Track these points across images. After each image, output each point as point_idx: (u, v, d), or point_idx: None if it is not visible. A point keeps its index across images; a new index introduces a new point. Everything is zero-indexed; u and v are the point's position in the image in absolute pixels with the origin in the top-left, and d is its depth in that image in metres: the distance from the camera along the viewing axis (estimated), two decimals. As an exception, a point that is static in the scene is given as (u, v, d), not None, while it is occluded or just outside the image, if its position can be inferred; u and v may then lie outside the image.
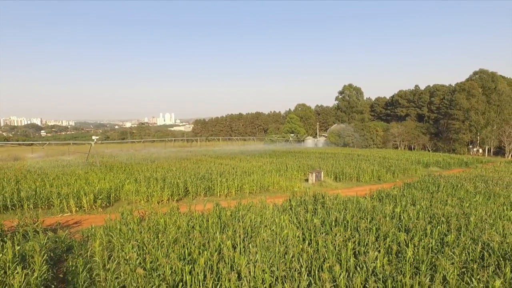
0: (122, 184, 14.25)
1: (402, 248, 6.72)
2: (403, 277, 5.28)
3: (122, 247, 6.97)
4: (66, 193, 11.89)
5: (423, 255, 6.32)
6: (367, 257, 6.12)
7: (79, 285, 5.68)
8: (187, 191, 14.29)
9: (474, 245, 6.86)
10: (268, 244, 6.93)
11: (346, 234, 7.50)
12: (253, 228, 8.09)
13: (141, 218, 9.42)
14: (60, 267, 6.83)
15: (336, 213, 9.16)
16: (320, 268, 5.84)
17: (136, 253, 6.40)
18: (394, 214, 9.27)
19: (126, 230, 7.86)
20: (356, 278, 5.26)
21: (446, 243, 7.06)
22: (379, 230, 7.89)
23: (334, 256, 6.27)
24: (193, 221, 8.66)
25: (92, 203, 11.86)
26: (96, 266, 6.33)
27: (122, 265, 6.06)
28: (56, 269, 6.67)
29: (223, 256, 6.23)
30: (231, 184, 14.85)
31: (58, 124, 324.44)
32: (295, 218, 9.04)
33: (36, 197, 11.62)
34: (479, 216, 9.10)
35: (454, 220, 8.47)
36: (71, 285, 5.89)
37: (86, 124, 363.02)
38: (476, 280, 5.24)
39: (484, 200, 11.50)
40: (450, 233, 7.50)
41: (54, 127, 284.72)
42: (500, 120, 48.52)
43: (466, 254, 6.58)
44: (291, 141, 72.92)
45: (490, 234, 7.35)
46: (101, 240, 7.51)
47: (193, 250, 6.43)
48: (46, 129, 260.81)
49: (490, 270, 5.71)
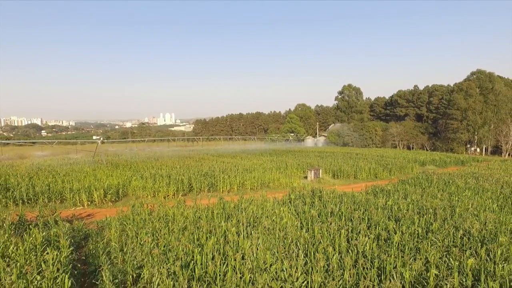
0: (129, 181, 14.91)
1: (391, 234, 7.41)
2: (389, 257, 5.96)
3: (136, 234, 7.65)
4: (77, 188, 12.58)
5: (409, 240, 7.01)
6: (358, 242, 6.81)
7: (100, 265, 6.36)
8: (191, 187, 14.97)
9: (456, 232, 7.55)
10: (269, 231, 7.62)
11: (341, 223, 8.19)
12: (255, 218, 8.78)
13: (150, 211, 10.10)
14: (80, 252, 7.50)
15: (332, 205, 9.85)
16: (316, 250, 6.51)
17: (150, 238, 7.08)
18: (386, 206, 9.96)
19: (139, 219, 8.55)
20: (347, 258, 5.94)
21: (431, 230, 7.74)
22: (371, 219, 8.58)
23: (329, 241, 6.95)
24: (199, 212, 9.35)
25: (103, 197, 12.54)
26: (113, 250, 7.01)
27: (138, 249, 6.74)
28: (77, 253, 7.35)
29: (228, 241, 6.91)
30: (233, 180, 15.53)
31: (58, 124, 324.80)
32: (294, 210, 9.73)
33: (49, 192, 12.30)
34: (464, 208, 9.79)
35: (440, 211, 9.16)
36: (93, 266, 6.56)
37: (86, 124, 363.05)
38: (453, 260, 5.91)
39: (472, 195, 12.18)
40: (436, 221, 8.18)
41: (54, 127, 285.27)
42: (497, 119, 49.22)
43: (449, 240, 7.27)
44: (291, 141, 73.61)
45: (471, 222, 8.04)
46: (116, 229, 8.19)
47: (201, 236, 7.12)
48: (47, 129, 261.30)
49: (467, 252, 6.40)
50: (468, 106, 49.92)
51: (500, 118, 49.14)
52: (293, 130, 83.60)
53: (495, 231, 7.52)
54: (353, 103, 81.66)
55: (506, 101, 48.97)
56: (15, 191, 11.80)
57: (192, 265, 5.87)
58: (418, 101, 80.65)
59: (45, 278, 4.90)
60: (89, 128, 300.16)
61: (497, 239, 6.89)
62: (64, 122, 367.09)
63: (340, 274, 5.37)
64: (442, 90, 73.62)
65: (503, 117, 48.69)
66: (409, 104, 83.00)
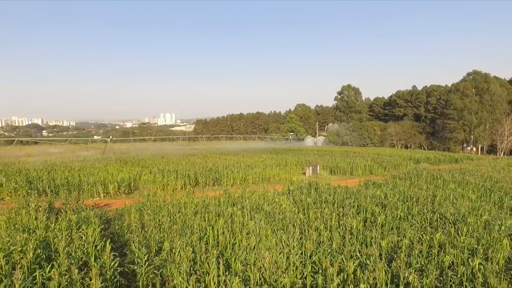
0: (139, 176, 16.04)
1: (376, 217, 8.52)
2: (370, 233, 7.08)
3: (154, 217, 8.75)
4: (93, 181, 13.70)
5: (391, 222, 8.13)
6: (347, 222, 7.93)
7: (125, 242, 7.46)
8: (197, 182, 16.07)
9: (433, 215, 8.67)
10: (269, 214, 8.73)
11: (333, 209, 9.31)
12: (257, 205, 9.90)
13: (163, 200, 11.21)
14: (105, 233, 8.61)
15: (326, 195, 10.98)
16: (310, 228, 7.62)
17: (168, 219, 8.19)
18: (375, 195, 11.07)
19: (155, 205, 9.67)
20: (335, 233, 7.05)
21: (412, 214, 8.85)
22: (360, 206, 9.69)
23: (321, 222, 8.06)
24: (208, 201, 10.46)
25: (117, 190, 13.67)
26: (135, 229, 8.11)
27: (157, 229, 7.84)
28: (104, 233, 8.46)
29: (235, 222, 8.02)
30: (236, 175, 16.65)
31: (59, 124, 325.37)
32: (292, 199, 10.85)
33: (68, 185, 13.42)
34: (445, 197, 10.90)
35: (422, 199, 10.28)
36: (119, 243, 7.67)
37: (87, 124, 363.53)
38: (425, 235, 7.02)
39: (456, 187, 13.28)
40: (416, 207, 9.29)
41: (55, 127, 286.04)
42: (492, 119, 50.35)
43: (425, 221, 8.39)
44: (290, 140, 74.75)
45: (447, 208, 9.16)
46: (135, 214, 9.29)
47: (211, 218, 8.23)
48: (48, 129, 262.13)
49: (439, 230, 7.52)
50: (464, 106, 51.07)
51: (495, 118, 50.25)
52: (293, 130, 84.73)
53: (467, 214, 8.62)
54: (352, 103, 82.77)
55: (501, 101, 50.11)
56: (37, 183, 12.92)
57: (206, 238, 6.98)
58: (416, 101, 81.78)
59: (88, 245, 6.02)
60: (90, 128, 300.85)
61: (466, 220, 8.00)
62: (64, 122, 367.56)
63: (329, 244, 6.48)
64: (440, 90, 74.74)
65: (498, 117, 49.79)
66: (408, 104, 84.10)
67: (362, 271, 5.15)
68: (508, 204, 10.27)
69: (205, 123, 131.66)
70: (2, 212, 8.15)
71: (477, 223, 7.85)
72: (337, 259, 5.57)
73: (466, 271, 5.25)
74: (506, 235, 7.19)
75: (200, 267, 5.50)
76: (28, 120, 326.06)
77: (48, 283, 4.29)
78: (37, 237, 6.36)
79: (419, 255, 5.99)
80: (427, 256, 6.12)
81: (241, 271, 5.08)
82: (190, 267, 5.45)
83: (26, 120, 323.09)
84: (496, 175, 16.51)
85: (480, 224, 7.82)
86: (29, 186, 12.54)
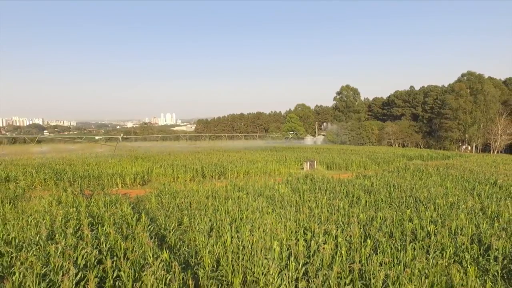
0: (151, 169, 17.56)
1: (361, 200, 10.05)
2: (353, 209, 8.61)
3: (172, 200, 10.28)
4: (112, 173, 15.25)
5: (372, 203, 9.67)
6: (335, 202, 9.47)
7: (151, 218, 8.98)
8: (204, 175, 17.60)
9: (409, 198, 10.21)
10: (270, 198, 10.27)
11: (325, 194, 10.84)
12: (260, 191, 11.43)
13: (177, 189, 12.74)
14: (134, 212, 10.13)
15: (320, 184, 12.52)
16: (303, 206, 9.15)
17: (184, 201, 9.72)
18: (363, 184, 12.61)
19: (171, 191, 11.21)
20: (324, 210, 8.58)
21: (391, 197, 10.39)
22: (348, 192, 11.23)
23: (314, 202, 9.59)
24: (216, 189, 11.99)
25: (133, 181, 15.21)
26: (157, 210, 9.64)
27: (176, 209, 9.36)
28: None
29: (241, 203, 9.54)
30: (240, 169, 18.20)
31: (60, 124, 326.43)
32: (290, 186, 12.39)
33: (89, 176, 14.97)
34: (423, 185, 12.44)
35: (403, 187, 11.81)
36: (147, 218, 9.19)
37: (87, 124, 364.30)
38: (398, 212, 8.54)
39: (437, 178, 14.80)
40: (396, 192, 10.82)
41: (56, 127, 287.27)
42: (486, 119, 51.92)
43: (402, 203, 9.91)
44: (290, 139, 76.34)
45: (422, 193, 10.70)
46: (154, 199, 10.82)
47: (221, 200, 9.77)
48: (49, 129, 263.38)
49: (411, 208, 9.04)
50: (458, 106, 52.65)
51: (489, 118, 51.81)
52: (293, 129, 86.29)
53: (438, 198, 10.14)
54: (351, 103, 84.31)
55: (494, 101, 51.69)
56: (63, 175, 14.47)
57: (218, 213, 8.52)
58: (414, 101, 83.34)
59: (126, 216, 7.56)
60: (91, 128, 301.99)
61: (435, 201, 9.54)
62: (65, 122, 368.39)
63: (319, 217, 8.01)
64: (437, 90, 76.29)
65: (492, 117, 51.36)
66: (405, 104, 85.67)
67: (342, 232, 6.68)
68: (478, 191, 11.79)
69: (206, 123, 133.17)
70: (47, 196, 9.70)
71: (444, 204, 9.39)
72: (324, 225, 7.10)
73: (423, 232, 6.78)
74: (466, 212, 8.71)
75: (217, 231, 7.03)
76: (29, 120, 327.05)
77: (109, 235, 5.82)
78: (83, 210, 7.90)
79: (389, 224, 7.51)
80: (396, 226, 7.64)
81: (249, 230, 6.59)
82: (208, 231, 6.97)
83: (27, 120, 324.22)
84: (477, 169, 18.03)
85: (446, 204, 9.35)
86: (56, 177, 14.08)
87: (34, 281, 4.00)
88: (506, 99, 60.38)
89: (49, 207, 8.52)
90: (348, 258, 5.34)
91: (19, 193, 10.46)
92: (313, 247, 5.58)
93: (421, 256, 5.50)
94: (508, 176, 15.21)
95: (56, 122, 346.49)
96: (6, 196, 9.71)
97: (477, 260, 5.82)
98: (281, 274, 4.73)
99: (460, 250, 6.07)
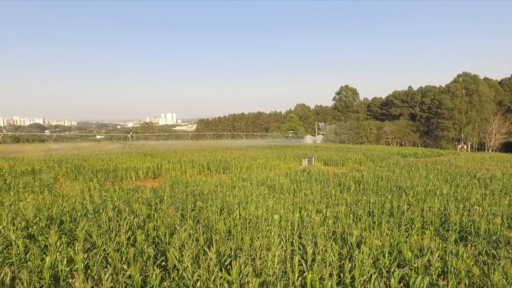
0: (160, 165, 18.97)
1: (350, 188, 11.46)
2: (343, 195, 10.01)
3: (185, 189, 11.68)
4: (126, 167, 16.66)
5: (360, 190, 11.07)
6: (328, 190, 10.88)
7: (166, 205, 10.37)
8: (209, 170, 19.02)
9: (393, 186, 11.61)
10: (271, 186, 11.68)
11: (319, 183, 12.25)
12: (262, 181, 12.84)
13: (187, 180, 14.14)
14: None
15: (316, 176, 13.92)
16: (300, 192, 10.56)
17: (196, 188, 11.12)
18: (354, 176, 14.01)
19: (183, 183, 12.62)
20: (317, 195, 9.98)
21: (378, 186, 11.79)
22: (341, 182, 12.63)
23: (309, 189, 11.00)
24: (222, 180, 13.40)
25: (145, 174, 16.62)
26: (172, 197, 11.04)
27: (189, 195, 10.76)
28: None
29: (246, 190, 10.95)
30: (243, 165, 19.59)
31: (60, 124, 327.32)
32: (288, 178, 13.80)
33: (106, 170, 16.38)
34: (408, 177, 13.85)
35: (390, 178, 13.22)
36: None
37: (88, 124, 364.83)
38: (383, 197, 9.93)
39: (423, 172, 16.20)
40: (382, 182, 12.22)
41: (57, 127, 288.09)
42: (481, 119, 53.31)
43: (387, 191, 11.31)
44: (290, 138, 77.82)
45: (405, 182, 12.11)
46: (169, 188, 12.22)
47: (228, 188, 11.17)
48: (50, 129, 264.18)
49: (394, 195, 10.44)
50: (454, 106, 54.04)
51: (483, 117, 53.20)
52: (293, 129, 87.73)
53: (418, 186, 11.54)
54: (350, 103, 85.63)
55: (488, 101, 53.06)
56: (82, 169, 15.89)
57: (228, 197, 9.92)
58: (412, 101, 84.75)
59: (149, 199, 8.97)
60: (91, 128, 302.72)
61: (415, 189, 10.94)
62: (66, 122, 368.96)
63: (313, 200, 9.41)
64: (434, 91, 77.64)
65: (486, 116, 52.75)
66: (404, 104, 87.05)
67: (331, 210, 8.08)
68: (457, 182, 13.17)
69: (207, 122, 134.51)
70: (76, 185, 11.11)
71: (423, 191, 10.79)
72: (316, 206, 8.50)
73: (399, 212, 8.18)
74: (440, 197, 10.10)
75: (227, 210, 8.42)
76: (30, 120, 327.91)
77: (142, 210, 7.22)
78: (113, 194, 9.31)
79: (372, 206, 8.91)
80: (377, 207, 9.04)
81: (254, 208, 7.99)
82: (219, 211, 8.36)
83: (28, 120, 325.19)
84: (463, 165, 19.41)
85: (425, 191, 10.75)
86: (77, 170, 15.50)
87: (97, 235, 5.40)
88: (501, 99, 61.74)
89: (82, 193, 9.93)
90: (333, 226, 6.74)
91: (51, 182, 11.88)
92: (306, 219, 6.99)
93: (393, 227, 6.92)
94: (488, 171, 16.60)
95: (57, 122, 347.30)
96: (41, 184, 11.12)
97: (438, 229, 7.22)
98: (280, 236, 6.12)
99: (426, 224, 7.47)
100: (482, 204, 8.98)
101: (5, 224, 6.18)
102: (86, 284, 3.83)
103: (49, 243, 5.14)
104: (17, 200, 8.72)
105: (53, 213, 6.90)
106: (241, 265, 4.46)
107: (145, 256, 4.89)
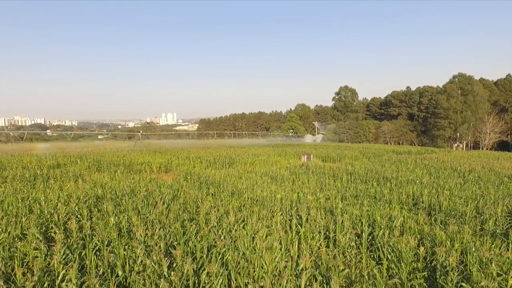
0: (171, 160, 20.63)
1: (343, 179, 13.11)
2: (335, 184, 11.66)
3: (198, 179, 13.32)
4: (140, 162, 18.33)
5: (351, 181, 12.72)
6: (323, 180, 12.53)
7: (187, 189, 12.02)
8: (216, 165, 20.67)
9: (379, 177, 13.25)
10: (273, 178, 13.34)
11: (316, 175, 13.90)
12: (264, 174, 14.49)
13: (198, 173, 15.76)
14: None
15: (313, 169, 15.58)
16: (298, 181, 12.20)
17: (207, 178, 12.75)
18: (347, 169, 15.65)
19: (196, 173, 14.28)
20: (313, 183, 11.62)
21: (367, 177, 13.43)
22: (335, 174, 14.28)
23: (306, 179, 12.64)
24: (229, 173, 15.05)
25: (158, 169, 18.28)
26: (187, 186, 12.68)
27: (202, 184, 12.40)
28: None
29: (251, 180, 12.59)
30: (246, 160, 21.25)
31: (62, 124, 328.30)
32: (288, 171, 15.46)
33: (122, 164, 18.04)
34: (395, 169, 15.49)
35: (378, 171, 14.86)
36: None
37: (89, 124, 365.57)
38: (369, 185, 11.57)
39: (411, 166, 17.83)
40: (371, 173, 13.86)
41: (58, 126, 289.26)
42: (476, 118, 54.98)
43: (374, 181, 12.94)
44: (290, 137, 79.60)
45: (391, 173, 13.75)
46: (183, 179, 13.85)
47: (236, 179, 12.82)
48: (51, 128, 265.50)
49: (380, 184, 12.08)
50: (450, 106, 55.71)
51: (478, 117, 54.86)
52: (293, 128, 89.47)
53: (401, 177, 13.18)
54: (349, 103, 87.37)
55: (483, 102, 54.74)
56: (103, 162, 17.56)
57: (237, 183, 11.56)
58: (410, 101, 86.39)
59: (171, 185, 10.63)
60: (92, 128, 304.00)
61: (398, 179, 12.58)
62: (67, 122, 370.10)
63: (309, 187, 11.06)
64: (432, 91, 79.26)
65: (481, 116, 54.41)
66: (402, 104, 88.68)
67: (324, 193, 9.73)
68: (439, 174, 14.79)
69: (208, 122, 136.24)
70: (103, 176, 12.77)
71: (405, 181, 12.43)
72: (311, 190, 10.15)
73: (381, 195, 9.83)
74: (419, 185, 11.73)
75: (237, 194, 10.06)
76: (31, 120, 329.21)
77: (167, 193, 8.87)
78: (140, 181, 10.96)
79: (359, 191, 10.54)
80: (364, 192, 10.68)
81: (260, 191, 9.63)
82: (231, 194, 10.00)
83: (29, 120, 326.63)
84: (450, 161, 21.04)
85: (407, 181, 12.40)
86: (97, 164, 17.18)
87: (141, 206, 7.04)
88: (496, 100, 63.38)
89: (111, 180, 11.59)
90: (325, 204, 8.38)
91: (81, 173, 13.56)
92: (302, 198, 8.64)
93: (373, 204, 8.56)
94: (471, 166, 18.22)
95: (58, 122, 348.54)
96: (73, 175, 12.79)
97: (411, 208, 8.86)
98: (281, 210, 7.76)
99: (402, 204, 9.11)
100: (453, 190, 10.61)
101: (63, 201, 7.84)
102: (144, 232, 5.50)
103: (105, 211, 6.80)
104: (61, 186, 10.38)
105: (98, 193, 8.55)
106: (252, 223, 6.12)
107: (180, 219, 6.54)
